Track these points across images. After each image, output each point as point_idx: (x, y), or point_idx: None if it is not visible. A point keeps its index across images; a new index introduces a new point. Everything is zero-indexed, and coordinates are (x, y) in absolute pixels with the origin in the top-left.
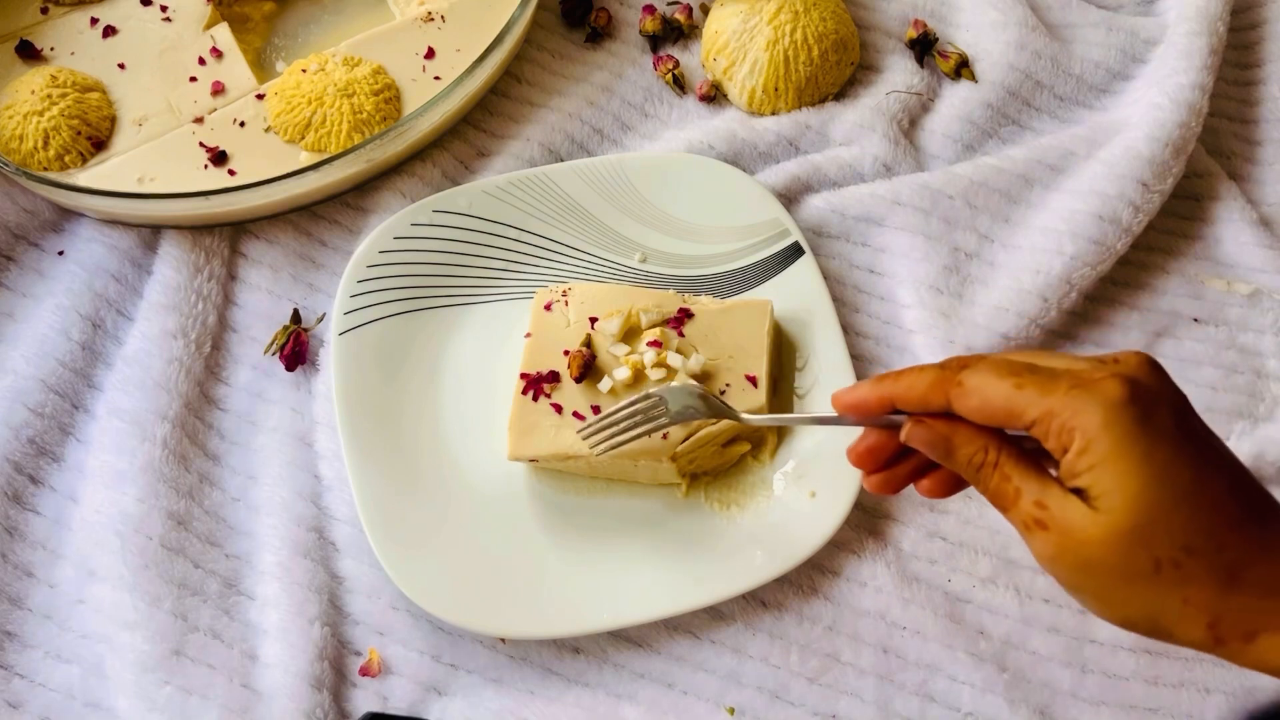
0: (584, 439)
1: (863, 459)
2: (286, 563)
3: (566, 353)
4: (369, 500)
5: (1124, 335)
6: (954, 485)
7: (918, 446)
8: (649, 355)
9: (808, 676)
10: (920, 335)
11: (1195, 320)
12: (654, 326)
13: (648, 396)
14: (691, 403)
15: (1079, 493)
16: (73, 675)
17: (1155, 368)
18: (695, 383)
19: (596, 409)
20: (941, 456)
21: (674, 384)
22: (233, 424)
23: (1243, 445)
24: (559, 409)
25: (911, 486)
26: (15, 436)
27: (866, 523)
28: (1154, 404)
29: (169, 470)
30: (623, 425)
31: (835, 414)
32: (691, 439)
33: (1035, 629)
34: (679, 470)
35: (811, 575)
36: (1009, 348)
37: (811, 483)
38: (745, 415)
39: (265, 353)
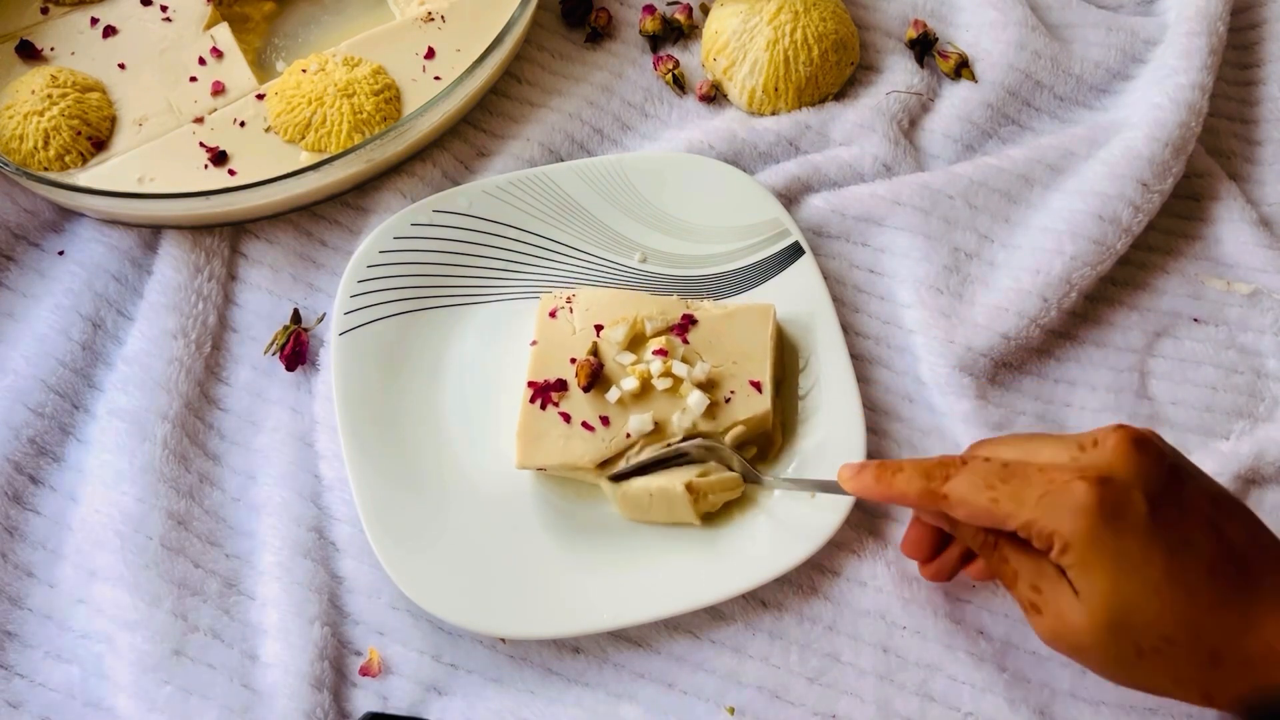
0: (614, 482)
1: (914, 550)
2: (286, 563)
3: (573, 360)
4: (369, 500)
5: (1124, 335)
6: None
7: (931, 523)
8: (655, 365)
9: (808, 676)
10: (920, 335)
11: (1195, 320)
12: (659, 334)
13: (678, 451)
14: (715, 458)
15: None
16: (73, 675)
17: (1134, 446)
18: (707, 408)
19: (605, 419)
20: (950, 531)
21: (702, 441)
22: (233, 424)
23: (1243, 445)
24: (567, 418)
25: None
26: (15, 436)
27: (866, 523)
28: (1124, 498)
29: (169, 470)
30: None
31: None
32: (712, 477)
33: None
34: (696, 511)
35: (811, 575)
36: (1009, 347)
37: None
38: (767, 478)
39: (265, 353)
